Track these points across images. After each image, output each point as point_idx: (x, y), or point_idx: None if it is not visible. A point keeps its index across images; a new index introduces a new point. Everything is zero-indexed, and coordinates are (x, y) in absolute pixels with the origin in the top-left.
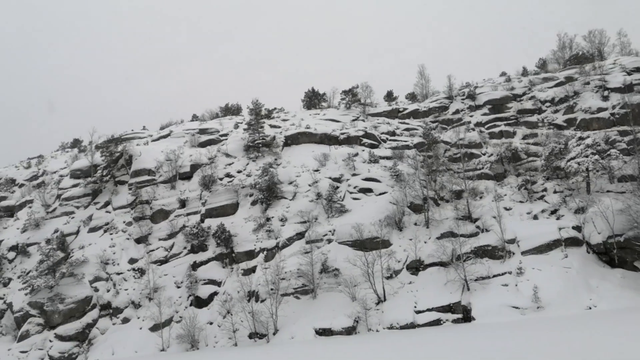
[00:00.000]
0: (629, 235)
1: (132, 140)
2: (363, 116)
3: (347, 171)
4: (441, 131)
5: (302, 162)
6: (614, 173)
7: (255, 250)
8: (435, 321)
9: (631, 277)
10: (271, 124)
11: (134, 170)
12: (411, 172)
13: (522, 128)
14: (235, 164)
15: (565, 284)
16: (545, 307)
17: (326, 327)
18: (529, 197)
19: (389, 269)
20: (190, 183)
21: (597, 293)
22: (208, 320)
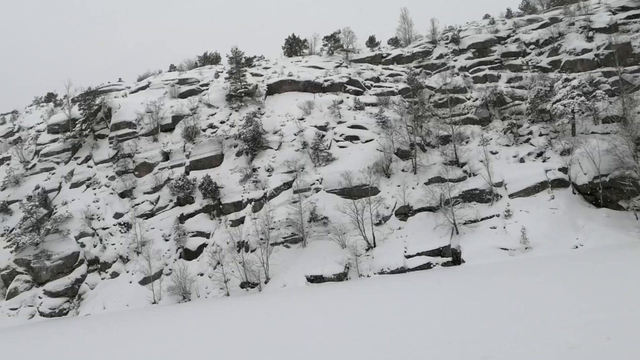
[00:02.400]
0: (614, 175)
1: (110, 92)
2: (346, 62)
3: (332, 119)
4: (425, 76)
5: (286, 111)
6: (599, 114)
7: (242, 201)
8: (426, 265)
9: (616, 216)
10: (253, 72)
11: (113, 124)
12: (397, 118)
13: (506, 71)
14: (218, 115)
15: (552, 225)
16: (533, 248)
17: (317, 274)
18: (515, 140)
19: (378, 215)
20: (172, 135)
21: (583, 232)
22: (198, 271)
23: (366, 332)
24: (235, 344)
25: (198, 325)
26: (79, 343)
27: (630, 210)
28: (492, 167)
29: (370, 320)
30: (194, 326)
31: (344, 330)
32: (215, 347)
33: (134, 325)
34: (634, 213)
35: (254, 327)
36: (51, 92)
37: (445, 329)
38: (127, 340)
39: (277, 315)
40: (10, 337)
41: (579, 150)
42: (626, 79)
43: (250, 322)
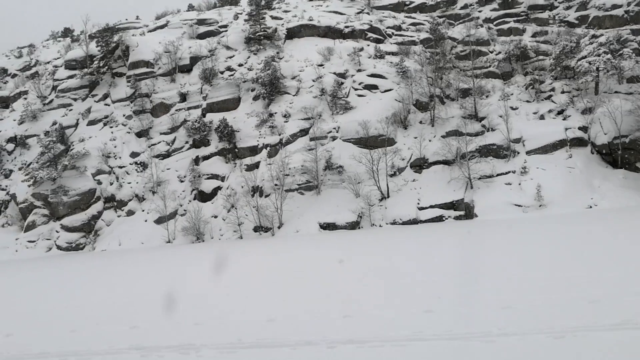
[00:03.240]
0: (635, 136)
1: (128, 30)
2: (368, 9)
3: (352, 67)
4: (448, 27)
5: (305, 56)
6: (624, 73)
7: (258, 146)
8: (438, 217)
9: (632, 178)
10: (272, 15)
11: (131, 62)
12: (418, 69)
13: (532, 25)
14: (236, 57)
15: (568, 183)
16: (547, 206)
17: (330, 222)
18: (536, 96)
19: (393, 166)
20: (190, 76)
21: (598, 193)
22: (212, 214)
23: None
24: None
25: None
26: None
27: None
28: (511, 123)
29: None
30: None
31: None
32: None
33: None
34: None
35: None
36: (68, 27)
37: (464, 279)
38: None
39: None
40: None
41: (601, 109)
42: None
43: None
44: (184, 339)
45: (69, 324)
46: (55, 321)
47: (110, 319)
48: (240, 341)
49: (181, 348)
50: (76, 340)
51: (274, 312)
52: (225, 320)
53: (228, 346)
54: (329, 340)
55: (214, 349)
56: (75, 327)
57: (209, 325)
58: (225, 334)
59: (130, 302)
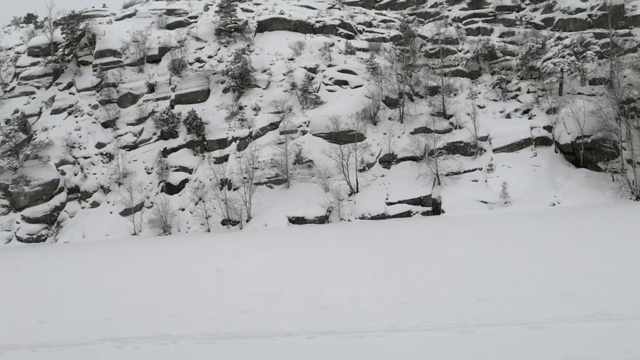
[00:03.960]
0: (597, 136)
1: (94, 18)
2: (339, 4)
3: (322, 62)
4: (418, 25)
5: (276, 50)
6: (587, 75)
7: (227, 138)
8: (406, 213)
9: (594, 177)
10: (243, 7)
11: (98, 51)
12: (388, 65)
13: (499, 25)
14: (206, 49)
15: (533, 181)
16: (512, 203)
17: (299, 216)
18: (502, 95)
19: (363, 161)
20: (158, 67)
21: (561, 191)
22: (180, 206)
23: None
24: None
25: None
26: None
27: (608, 172)
28: (479, 121)
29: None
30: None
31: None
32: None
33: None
34: (611, 175)
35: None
36: (31, 13)
37: (445, 272)
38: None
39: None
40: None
41: (565, 109)
42: (616, 42)
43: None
44: (160, 330)
45: (37, 315)
46: (22, 313)
47: (80, 310)
48: (218, 332)
49: (157, 339)
50: (46, 331)
51: (249, 304)
52: (200, 312)
53: (205, 337)
54: (308, 331)
55: (191, 339)
56: (43, 319)
57: (184, 316)
58: (201, 325)
59: (101, 294)
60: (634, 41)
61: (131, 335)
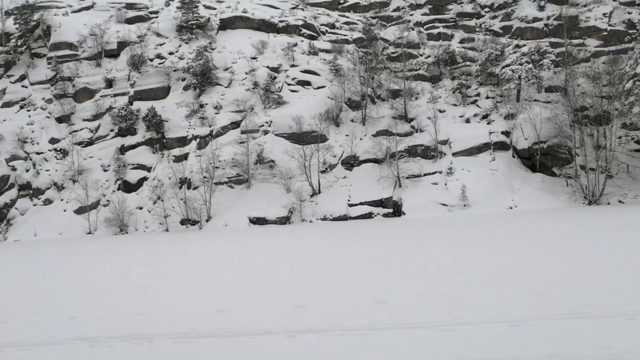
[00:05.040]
0: (552, 142)
1: (49, 9)
2: (302, 5)
3: (285, 61)
4: (381, 28)
5: (238, 48)
6: (543, 83)
7: (187, 137)
8: (367, 214)
9: (549, 182)
10: (205, 4)
11: (53, 43)
12: (350, 67)
13: (460, 31)
14: (167, 45)
15: (491, 185)
16: (471, 206)
17: (260, 216)
18: (462, 100)
19: (325, 163)
20: (117, 62)
21: (518, 194)
22: (138, 205)
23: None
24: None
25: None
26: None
27: (562, 177)
28: (439, 125)
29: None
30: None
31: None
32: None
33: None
34: (565, 180)
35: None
36: None
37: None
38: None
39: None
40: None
41: (522, 115)
42: (571, 52)
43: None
44: (132, 329)
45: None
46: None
47: (43, 309)
48: (194, 331)
49: (131, 338)
50: (8, 331)
51: (221, 303)
52: (172, 311)
53: (182, 336)
54: (287, 330)
55: (167, 338)
56: (4, 318)
57: (155, 315)
58: (175, 324)
59: (63, 294)
60: (587, 51)
61: (102, 334)
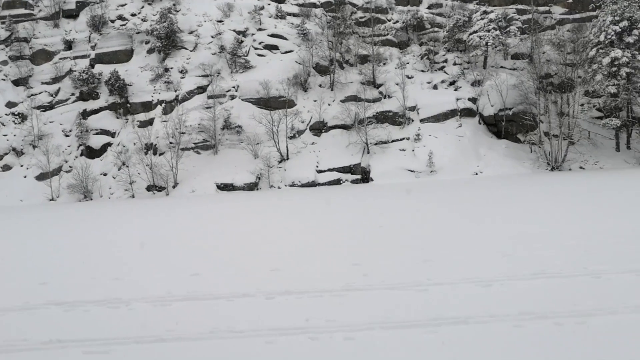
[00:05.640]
0: (518, 109)
1: None
2: None
3: (252, 25)
4: None
5: (204, 11)
6: (509, 50)
7: (152, 101)
8: (336, 180)
9: (513, 148)
10: None
11: (6, 1)
12: (318, 32)
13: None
14: (129, 6)
15: (457, 151)
16: (437, 172)
17: (228, 182)
18: (430, 67)
19: (293, 128)
20: (76, 23)
21: (484, 161)
22: (102, 171)
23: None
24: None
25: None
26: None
27: (526, 144)
28: (407, 91)
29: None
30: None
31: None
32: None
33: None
34: (529, 146)
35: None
36: None
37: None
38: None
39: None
40: None
41: (489, 82)
42: (537, 19)
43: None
44: (107, 293)
45: None
46: None
47: (14, 275)
48: (171, 294)
49: (108, 302)
50: None
51: (195, 267)
52: (145, 276)
53: (159, 299)
54: (265, 292)
55: (144, 302)
56: None
57: (129, 280)
58: (151, 288)
59: (32, 260)
60: (552, 19)
61: (77, 299)
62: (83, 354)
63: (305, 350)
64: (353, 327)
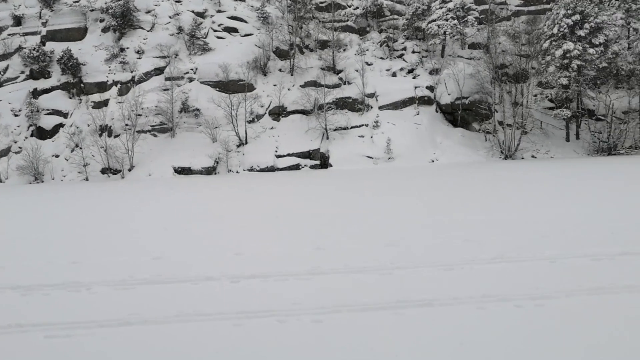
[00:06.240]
0: (474, 98)
1: None
2: None
3: (211, 6)
4: None
5: None
6: (466, 40)
7: (107, 82)
8: (295, 166)
9: (468, 136)
10: None
11: None
12: (278, 15)
13: None
14: None
15: (415, 139)
16: (395, 158)
17: (185, 166)
18: (389, 54)
19: (252, 113)
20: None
21: (440, 148)
22: (54, 152)
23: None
24: None
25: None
26: None
27: (481, 132)
28: (367, 78)
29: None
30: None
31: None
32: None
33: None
34: (484, 135)
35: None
36: None
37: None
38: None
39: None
40: None
41: (447, 71)
42: (493, 10)
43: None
44: (66, 277)
45: None
46: None
47: None
48: (133, 277)
49: (67, 286)
50: None
51: (156, 250)
52: (105, 259)
53: (121, 283)
54: (229, 276)
55: (105, 285)
56: None
57: (89, 264)
58: (112, 272)
59: None
60: (508, 10)
61: (34, 283)
62: (45, 338)
63: (274, 332)
64: (320, 309)
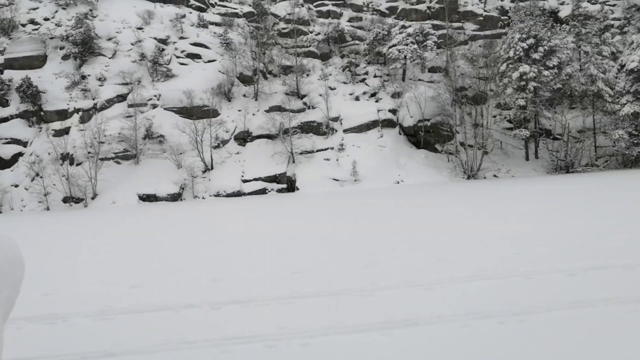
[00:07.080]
0: (435, 120)
1: None
2: None
3: (174, 33)
4: (271, 3)
5: (122, 18)
6: (426, 64)
7: (68, 110)
8: (261, 190)
9: (432, 157)
10: None
11: None
12: (241, 42)
13: (348, 10)
14: (41, 10)
15: (380, 161)
16: (361, 180)
17: (150, 193)
18: (352, 79)
19: (217, 138)
20: None
21: (404, 170)
22: (12, 182)
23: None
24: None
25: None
26: None
27: (444, 153)
28: (330, 102)
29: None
30: None
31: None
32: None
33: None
34: (447, 155)
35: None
36: None
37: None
38: None
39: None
40: None
41: (408, 94)
42: (451, 34)
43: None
44: (39, 309)
45: None
46: None
47: None
48: (111, 308)
49: (42, 318)
50: None
51: (133, 279)
52: (79, 289)
53: (100, 314)
54: (210, 302)
55: (83, 317)
56: None
57: (62, 294)
58: (87, 302)
59: None
60: (465, 34)
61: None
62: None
63: (263, 357)
64: (306, 333)
